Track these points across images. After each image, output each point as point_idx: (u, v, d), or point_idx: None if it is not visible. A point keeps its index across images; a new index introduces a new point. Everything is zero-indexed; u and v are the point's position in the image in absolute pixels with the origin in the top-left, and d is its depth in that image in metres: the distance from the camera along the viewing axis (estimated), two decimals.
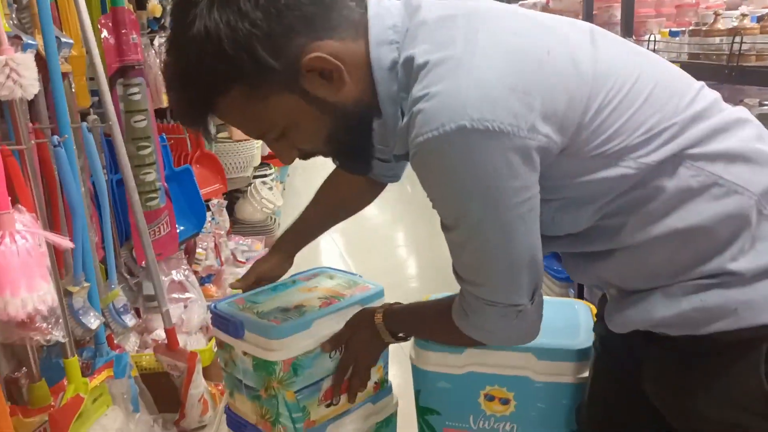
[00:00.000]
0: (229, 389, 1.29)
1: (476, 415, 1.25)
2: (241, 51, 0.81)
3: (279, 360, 1.13)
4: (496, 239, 0.86)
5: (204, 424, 2.14)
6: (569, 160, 0.86)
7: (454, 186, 0.83)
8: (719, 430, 0.92)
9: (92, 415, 1.59)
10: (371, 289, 1.29)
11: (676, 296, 0.90)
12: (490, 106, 0.78)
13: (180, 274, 2.45)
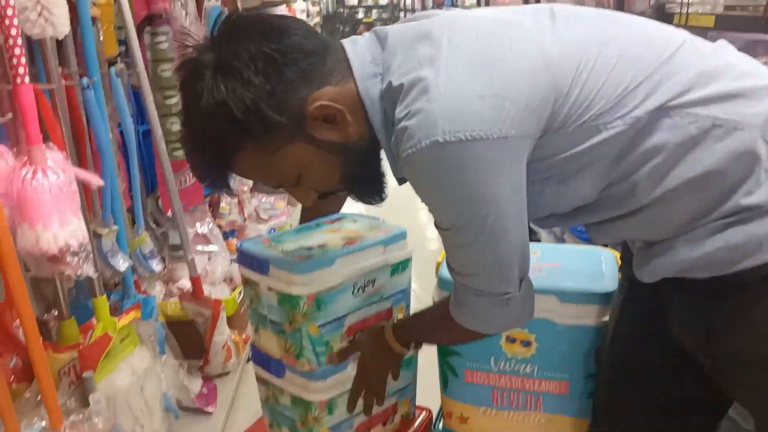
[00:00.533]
0: (255, 325, 1.31)
1: (497, 357, 1.26)
2: (249, 113, 0.87)
3: (303, 294, 1.15)
4: (486, 240, 0.89)
5: (227, 371, 2.19)
6: (554, 139, 0.88)
7: (441, 196, 0.88)
8: (750, 366, 0.92)
9: (120, 353, 1.63)
10: (393, 230, 1.30)
11: (699, 240, 0.90)
12: (461, 116, 0.82)
13: (204, 227, 2.48)
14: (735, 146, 0.85)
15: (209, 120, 0.89)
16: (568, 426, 1.27)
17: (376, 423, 1.33)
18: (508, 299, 0.96)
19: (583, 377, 1.23)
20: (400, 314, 1.32)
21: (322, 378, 1.22)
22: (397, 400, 1.36)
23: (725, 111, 0.86)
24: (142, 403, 1.66)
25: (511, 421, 1.31)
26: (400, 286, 1.29)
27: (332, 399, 1.23)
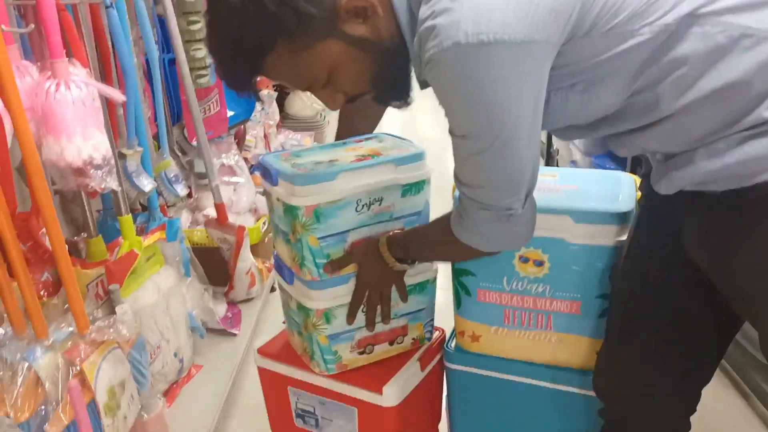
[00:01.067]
0: (274, 234, 1.36)
1: (510, 277, 1.27)
2: (283, 6, 0.86)
3: (301, 205, 1.17)
4: (498, 149, 0.88)
5: (251, 297, 2.25)
6: (579, 45, 0.86)
7: (459, 99, 0.86)
8: (761, 280, 0.91)
9: (146, 272, 1.69)
10: (411, 150, 1.29)
11: (720, 152, 0.88)
12: (484, 18, 0.80)
13: (230, 159, 2.51)
14: (763, 57, 0.82)
15: (240, 16, 0.87)
16: (579, 345, 1.29)
17: (381, 341, 1.36)
18: (510, 215, 0.96)
19: (595, 297, 1.23)
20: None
21: (321, 288, 1.25)
22: (408, 323, 1.38)
23: (757, 20, 0.83)
24: (167, 320, 1.72)
25: (523, 339, 1.32)
26: (414, 207, 1.29)
27: (329, 309, 1.27)
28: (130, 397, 1.37)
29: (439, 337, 1.45)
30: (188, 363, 1.86)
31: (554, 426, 1.37)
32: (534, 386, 1.34)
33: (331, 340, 1.31)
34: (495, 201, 0.95)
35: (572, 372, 1.30)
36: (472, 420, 1.45)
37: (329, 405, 1.38)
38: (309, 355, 1.35)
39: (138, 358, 1.43)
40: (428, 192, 1.31)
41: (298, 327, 1.36)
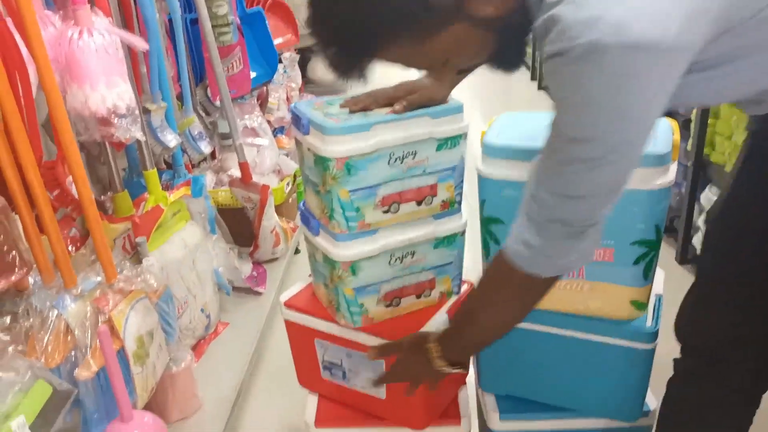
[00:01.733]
0: (303, 184, 1.34)
1: None
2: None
3: (332, 157, 1.15)
4: (613, 160, 0.80)
5: (276, 257, 2.25)
6: (727, 41, 0.80)
7: (583, 101, 0.77)
8: None
9: (172, 227, 1.69)
10: (450, 103, 1.26)
11: None
12: (628, 17, 0.72)
13: (253, 120, 2.50)
14: None
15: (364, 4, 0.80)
16: (611, 294, 1.25)
17: (408, 294, 1.34)
18: (587, 227, 0.88)
19: (630, 244, 1.19)
20: (446, 192, 1.29)
21: (348, 240, 1.23)
22: (435, 277, 1.36)
23: None
24: (194, 275, 1.73)
25: (554, 289, 1.29)
26: (449, 162, 1.27)
27: (356, 262, 1.25)
28: (158, 347, 1.38)
29: (468, 290, 1.43)
30: (215, 319, 1.87)
31: (585, 378, 1.34)
32: (564, 337, 1.32)
33: (358, 292, 1.30)
34: (588, 214, 0.86)
35: (604, 322, 1.27)
36: (501, 374, 1.43)
37: (356, 357, 1.37)
38: (335, 308, 1.34)
39: (165, 309, 1.43)
40: (464, 147, 1.28)
41: (324, 279, 1.35)
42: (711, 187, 2.19)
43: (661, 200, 1.17)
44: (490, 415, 1.41)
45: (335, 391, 1.45)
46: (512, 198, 1.23)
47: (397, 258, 1.30)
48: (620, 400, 1.35)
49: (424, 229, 1.30)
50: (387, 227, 1.26)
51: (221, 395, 1.63)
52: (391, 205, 1.25)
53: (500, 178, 1.22)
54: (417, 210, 1.28)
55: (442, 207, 1.30)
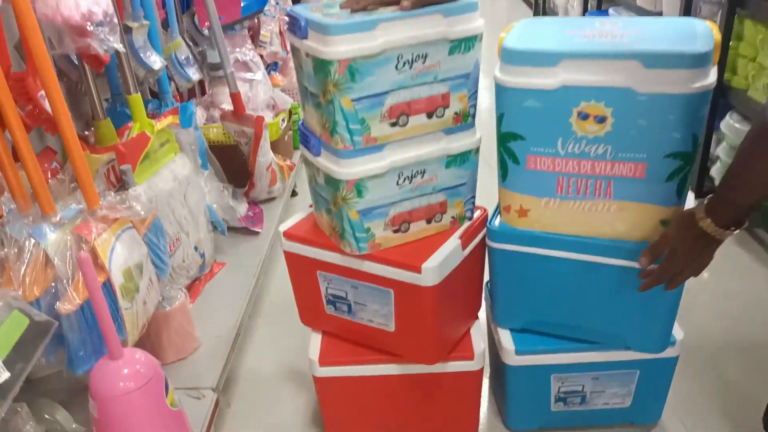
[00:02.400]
0: (301, 98, 1.22)
1: (566, 138, 1.12)
2: None
3: (334, 60, 1.03)
4: None
5: (273, 196, 2.14)
6: None
7: None
8: None
9: (161, 159, 1.57)
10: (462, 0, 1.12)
11: None
12: None
13: (244, 54, 2.35)
14: None
15: None
16: (642, 214, 1.15)
17: (417, 218, 1.24)
18: None
19: (664, 157, 1.08)
20: (459, 103, 1.17)
21: (353, 156, 1.12)
22: (447, 199, 1.25)
23: None
24: (186, 211, 1.61)
25: (577, 212, 1.19)
26: (463, 69, 1.14)
27: (361, 180, 1.14)
28: (149, 282, 1.27)
29: (481, 216, 1.33)
30: (210, 259, 1.77)
31: (609, 307, 1.25)
32: (587, 263, 1.22)
33: (363, 215, 1.19)
34: None
35: (632, 245, 1.17)
36: (516, 307, 1.34)
37: (362, 288, 1.27)
38: (339, 235, 1.23)
39: (155, 241, 1.32)
40: (479, 51, 1.15)
41: (327, 204, 1.24)
42: (732, 113, 2.07)
43: (701, 106, 1.05)
44: (506, 350, 1.32)
45: (340, 327, 1.36)
46: (535, 110, 1.12)
47: (406, 177, 1.19)
48: (647, 331, 1.26)
49: (435, 145, 1.19)
50: (395, 142, 1.15)
51: (219, 335, 1.54)
52: (399, 116, 1.13)
53: (522, 87, 1.11)
54: (427, 123, 1.16)
55: (454, 120, 1.18)
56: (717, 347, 1.63)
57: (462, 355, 1.31)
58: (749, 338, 1.66)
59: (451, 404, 1.37)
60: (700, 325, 1.67)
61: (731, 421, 1.42)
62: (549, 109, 1.11)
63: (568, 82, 1.07)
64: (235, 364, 1.66)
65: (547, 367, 1.32)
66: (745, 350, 1.62)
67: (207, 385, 1.38)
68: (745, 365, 1.58)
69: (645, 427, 1.42)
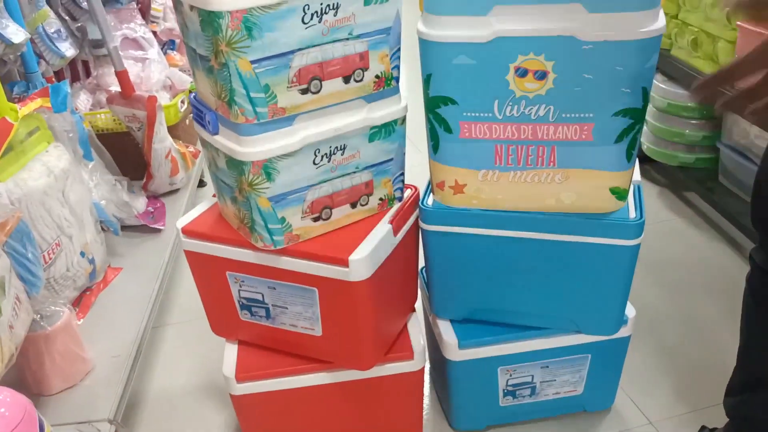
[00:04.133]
0: (191, 64, 1.01)
1: (503, 100, 0.98)
2: None
3: (225, 10, 0.84)
4: None
5: (176, 188, 1.90)
6: None
7: None
8: None
9: (29, 150, 1.32)
10: None
11: None
12: None
13: (134, 30, 2.08)
14: None
15: None
16: (590, 182, 1.03)
17: (340, 203, 1.07)
18: None
19: (613, 114, 0.96)
20: (380, 63, 1.01)
21: (258, 132, 0.94)
22: (373, 178, 1.09)
23: None
24: (66, 211, 1.37)
25: (518, 183, 1.05)
26: (382, 22, 0.97)
27: (270, 161, 0.96)
28: (15, 302, 1.04)
29: (412, 195, 1.17)
30: (102, 265, 1.52)
31: (558, 289, 1.13)
32: (531, 241, 1.09)
33: (276, 203, 1.01)
34: None
35: (579, 217, 1.05)
36: (456, 295, 1.19)
37: (281, 289, 1.09)
38: (248, 227, 1.04)
39: (21, 250, 1.09)
40: (400, 1, 0.98)
41: (231, 192, 1.04)
42: (656, 74, 2.01)
43: (651, 54, 0.93)
44: (447, 344, 1.18)
45: (259, 335, 1.17)
46: (467, 68, 0.97)
47: (324, 155, 1.01)
48: (599, 312, 1.15)
49: (354, 115, 1.02)
50: (307, 113, 0.97)
51: (116, 354, 1.31)
52: (310, 81, 0.95)
53: (450, 41, 0.95)
54: (345, 89, 0.99)
55: (376, 85, 1.02)
56: (659, 320, 1.56)
57: (400, 355, 1.15)
58: (690, 307, 1.60)
59: (391, 409, 1.21)
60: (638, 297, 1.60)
61: (683, 396, 1.35)
62: (483, 66, 0.96)
63: (502, 32, 0.93)
64: (138, 386, 1.44)
65: (494, 359, 1.19)
66: (687, 320, 1.56)
67: (102, 416, 1.16)
68: (689, 336, 1.51)
69: (599, 413, 1.32)
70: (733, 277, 1.65)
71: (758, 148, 1.69)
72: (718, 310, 1.58)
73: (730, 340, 1.15)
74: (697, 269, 1.73)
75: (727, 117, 1.80)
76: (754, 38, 1.55)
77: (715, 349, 1.46)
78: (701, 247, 1.81)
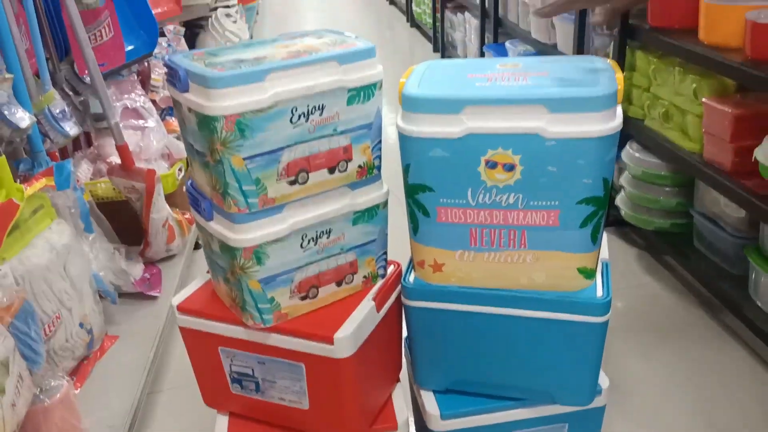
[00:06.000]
0: (188, 156, 1.10)
1: (476, 188, 1.06)
2: None
3: (219, 116, 0.92)
4: None
5: (172, 254, 1.97)
6: None
7: None
8: None
9: (33, 228, 1.39)
10: (358, 46, 1.05)
11: None
12: None
13: (134, 100, 2.19)
14: None
15: None
16: (558, 263, 1.10)
17: (326, 281, 1.14)
18: None
19: (576, 203, 1.04)
20: (363, 155, 1.09)
21: (249, 221, 1.01)
22: (357, 258, 1.16)
23: None
24: (67, 284, 1.43)
25: (493, 263, 1.12)
26: (364, 119, 1.07)
27: (260, 246, 1.03)
28: (17, 379, 1.10)
29: (395, 272, 1.24)
30: (100, 334, 1.58)
31: (532, 362, 1.18)
32: (507, 317, 1.15)
33: (265, 284, 1.07)
34: None
35: (551, 296, 1.12)
36: (438, 366, 1.25)
37: (270, 364, 1.15)
38: (239, 306, 1.11)
39: (25, 329, 1.15)
40: (380, 99, 1.08)
41: (224, 272, 1.11)
42: (632, 143, 2.11)
43: (609, 149, 1.02)
44: (430, 415, 1.23)
45: (249, 407, 1.22)
46: (442, 160, 1.05)
47: (311, 239, 1.09)
48: (572, 384, 1.20)
49: (340, 201, 1.10)
50: (295, 202, 1.05)
51: (111, 424, 1.36)
52: (298, 173, 1.03)
53: (426, 136, 1.04)
54: (330, 179, 1.07)
55: (359, 174, 1.10)
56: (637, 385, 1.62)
57: (385, 426, 1.20)
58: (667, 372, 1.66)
59: None
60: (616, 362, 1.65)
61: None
62: (456, 159, 1.04)
63: (473, 130, 1.01)
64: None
65: (476, 430, 1.24)
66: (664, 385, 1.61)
67: None
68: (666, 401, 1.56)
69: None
70: (708, 341, 1.72)
71: (728, 216, 1.77)
72: (695, 374, 1.64)
73: (709, 405, 1.19)
74: (675, 335, 1.79)
75: (698, 186, 1.89)
76: (717, 114, 1.65)
77: (693, 413, 1.51)
78: (679, 312, 1.87)
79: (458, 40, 4.00)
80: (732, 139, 1.61)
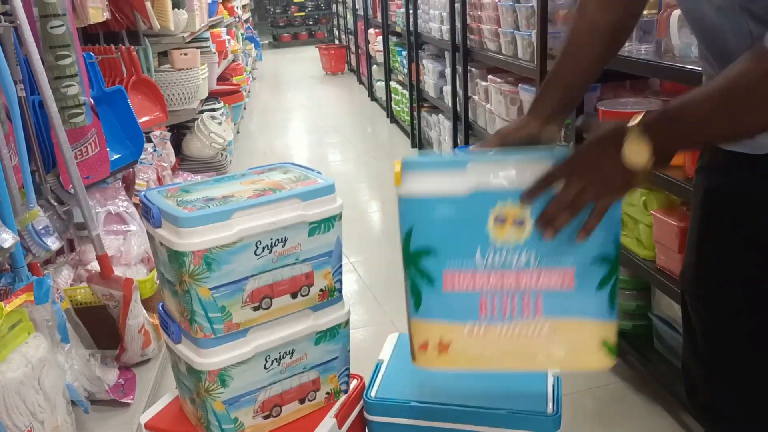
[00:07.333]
0: (160, 283, 1.17)
1: (484, 248, 0.98)
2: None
3: (188, 251, 1.01)
4: None
5: (147, 358, 2.00)
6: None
7: None
8: None
9: (10, 343, 1.44)
10: (319, 183, 1.15)
11: None
12: None
13: (117, 206, 2.28)
14: None
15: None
16: (577, 333, 1.01)
17: (289, 400, 1.19)
18: None
19: (592, 260, 0.98)
20: (324, 280, 1.17)
21: (214, 345, 1.08)
22: (319, 376, 1.22)
23: None
24: (40, 397, 1.46)
25: (506, 338, 1.03)
26: (324, 247, 1.15)
27: (225, 370, 1.10)
28: None
29: (357, 386, 1.29)
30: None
31: None
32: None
33: (229, 405, 1.12)
34: None
35: (506, 411, 1.17)
36: None
37: None
38: (204, 426, 1.15)
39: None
40: (339, 228, 1.17)
41: (191, 393, 1.16)
42: None
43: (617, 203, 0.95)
44: None
45: None
46: (448, 220, 0.98)
47: (274, 359, 1.15)
48: None
49: (302, 323, 1.17)
50: (259, 326, 1.12)
51: None
52: (262, 300, 1.10)
53: (430, 195, 0.98)
54: (292, 303, 1.14)
55: (320, 297, 1.17)
56: None
57: None
58: None
59: None
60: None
61: None
62: (463, 216, 0.98)
63: (480, 186, 0.97)
64: None
65: None
66: None
67: None
68: None
69: None
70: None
71: None
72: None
73: None
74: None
75: (654, 290, 1.98)
76: (665, 225, 1.76)
77: None
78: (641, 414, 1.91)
79: (434, 138, 4.20)
80: (680, 249, 1.71)
